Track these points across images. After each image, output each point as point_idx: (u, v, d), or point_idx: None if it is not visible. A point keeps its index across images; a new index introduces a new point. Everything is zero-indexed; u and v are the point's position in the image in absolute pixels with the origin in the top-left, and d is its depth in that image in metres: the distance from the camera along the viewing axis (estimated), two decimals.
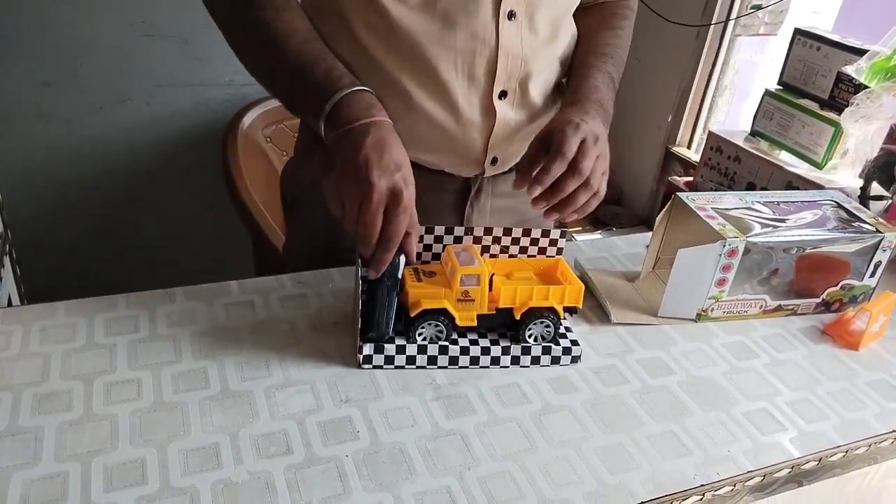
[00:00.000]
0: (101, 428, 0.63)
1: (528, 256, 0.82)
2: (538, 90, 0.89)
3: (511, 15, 0.81)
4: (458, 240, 0.80)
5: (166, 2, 1.80)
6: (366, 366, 0.72)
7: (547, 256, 0.82)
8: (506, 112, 0.87)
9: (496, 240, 0.80)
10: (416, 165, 0.90)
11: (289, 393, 0.69)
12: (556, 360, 0.76)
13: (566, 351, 0.76)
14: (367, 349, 0.72)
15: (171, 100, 1.92)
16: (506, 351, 0.74)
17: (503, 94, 0.86)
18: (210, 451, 0.61)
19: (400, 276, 0.72)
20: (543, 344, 0.76)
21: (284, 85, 0.78)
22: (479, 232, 0.80)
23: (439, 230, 0.79)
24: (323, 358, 0.74)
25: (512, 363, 0.75)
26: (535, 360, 0.76)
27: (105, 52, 1.80)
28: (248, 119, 1.84)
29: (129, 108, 1.90)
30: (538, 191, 0.75)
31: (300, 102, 0.79)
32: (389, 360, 0.72)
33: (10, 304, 1.34)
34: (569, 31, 0.91)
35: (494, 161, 0.91)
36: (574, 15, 0.92)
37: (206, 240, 2.15)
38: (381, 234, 0.69)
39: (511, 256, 0.82)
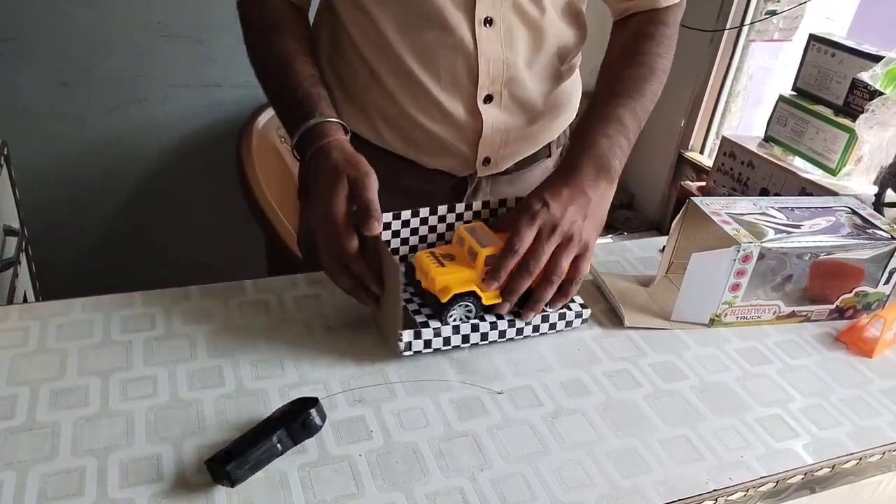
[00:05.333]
0: (118, 424, 0.63)
1: None
2: (532, 91, 0.89)
3: (488, 21, 0.81)
4: (459, 217, 0.82)
5: (182, 3, 1.81)
6: (406, 353, 0.73)
7: None
8: (493, 115, 0.88)
9: (493, 212, 0.83)
10: (411, 163, 0.93)
11: (303, 392, 0.69)
12: (569, 324, 0.81)
13: (578, 315, 0.81)
14: (407, 336, 0.73)
15: (186, 100, 1.94)
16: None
17: (489, 98, 0.87)
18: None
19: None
20: (559, 311, 0.80)
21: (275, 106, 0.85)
22: (477, 206, 0.82)
23: (442, 209, 0.81)
24: (337, 358, 0.75)
25: (533, 331, 0.79)
26: (553, 326, 0.80)
27: (120, 53, 1.81)
28: (262, 120, 1.85)
29: (144, 108, 1.91)
30: (494, 286, 0.73)
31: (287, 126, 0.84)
32: (427, 343, 0.74)
33: (25, 301, 1.35)
34: (562, 28, 0.89)
35: (487, 161, 0.92)
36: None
37: (219, 239, 2.16)
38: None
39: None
